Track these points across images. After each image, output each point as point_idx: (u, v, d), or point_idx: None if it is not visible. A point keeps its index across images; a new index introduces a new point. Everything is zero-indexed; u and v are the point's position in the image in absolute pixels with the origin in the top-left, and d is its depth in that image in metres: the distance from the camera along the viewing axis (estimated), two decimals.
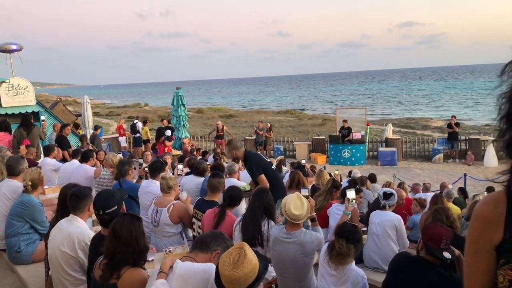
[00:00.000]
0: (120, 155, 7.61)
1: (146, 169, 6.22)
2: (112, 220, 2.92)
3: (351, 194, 4.10)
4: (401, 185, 7.56)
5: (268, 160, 5.85)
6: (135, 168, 6.37)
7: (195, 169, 6.43)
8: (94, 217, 3.71)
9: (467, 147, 17.75)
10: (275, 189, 5.04)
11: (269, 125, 19.93)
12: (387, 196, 4.83)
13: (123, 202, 3.46)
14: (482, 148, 17.26)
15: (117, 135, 18.31)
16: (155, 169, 5.46)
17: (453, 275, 3.02)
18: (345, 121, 18.27)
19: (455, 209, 6.94)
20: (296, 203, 3.63)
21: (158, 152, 13.42)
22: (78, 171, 7.10)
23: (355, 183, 5.94)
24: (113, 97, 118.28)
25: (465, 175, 12.35)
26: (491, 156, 16.37)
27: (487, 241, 1.22)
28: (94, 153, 8.31)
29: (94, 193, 3.79)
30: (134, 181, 6.10)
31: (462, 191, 9.82)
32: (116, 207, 3.28)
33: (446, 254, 2.97)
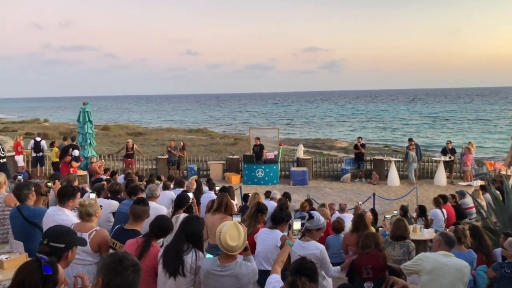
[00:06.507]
0: (20, 177, 6.79)
1: (49, 184, 5.68)
2: (50, 254, 2.59)
3: (297, 225, 3.87)
4: (323, 206, 7.63)
5: None
6: (36, 191, 5.71)
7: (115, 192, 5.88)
8: None
9: (372, 167, 18.73)
10: None
11: (182, 144, 19.46)
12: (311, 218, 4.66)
13: (73, 247, 3.02)
14: (386, 168, 18.31)
15: (13, 153, 16.71)
16: (65, 195, 4.73)
17: None
18: (257, 138, 18.59)
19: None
20: (233, 233, 3.34)
21: (61, 173, 12.32)
22: None
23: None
24: (8, 111, 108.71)
25: (374, 195, 12.92)
26: (393, 176, 17.46)
27: None
28: None
29: None
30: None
31: (373, 212, 10.24)
32: (64, 245, 2.88)
33: (367, 285, 2.79)
